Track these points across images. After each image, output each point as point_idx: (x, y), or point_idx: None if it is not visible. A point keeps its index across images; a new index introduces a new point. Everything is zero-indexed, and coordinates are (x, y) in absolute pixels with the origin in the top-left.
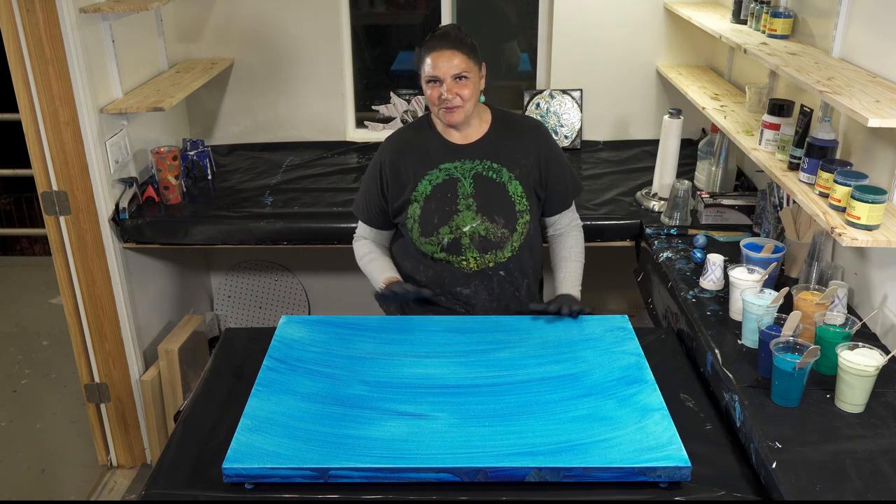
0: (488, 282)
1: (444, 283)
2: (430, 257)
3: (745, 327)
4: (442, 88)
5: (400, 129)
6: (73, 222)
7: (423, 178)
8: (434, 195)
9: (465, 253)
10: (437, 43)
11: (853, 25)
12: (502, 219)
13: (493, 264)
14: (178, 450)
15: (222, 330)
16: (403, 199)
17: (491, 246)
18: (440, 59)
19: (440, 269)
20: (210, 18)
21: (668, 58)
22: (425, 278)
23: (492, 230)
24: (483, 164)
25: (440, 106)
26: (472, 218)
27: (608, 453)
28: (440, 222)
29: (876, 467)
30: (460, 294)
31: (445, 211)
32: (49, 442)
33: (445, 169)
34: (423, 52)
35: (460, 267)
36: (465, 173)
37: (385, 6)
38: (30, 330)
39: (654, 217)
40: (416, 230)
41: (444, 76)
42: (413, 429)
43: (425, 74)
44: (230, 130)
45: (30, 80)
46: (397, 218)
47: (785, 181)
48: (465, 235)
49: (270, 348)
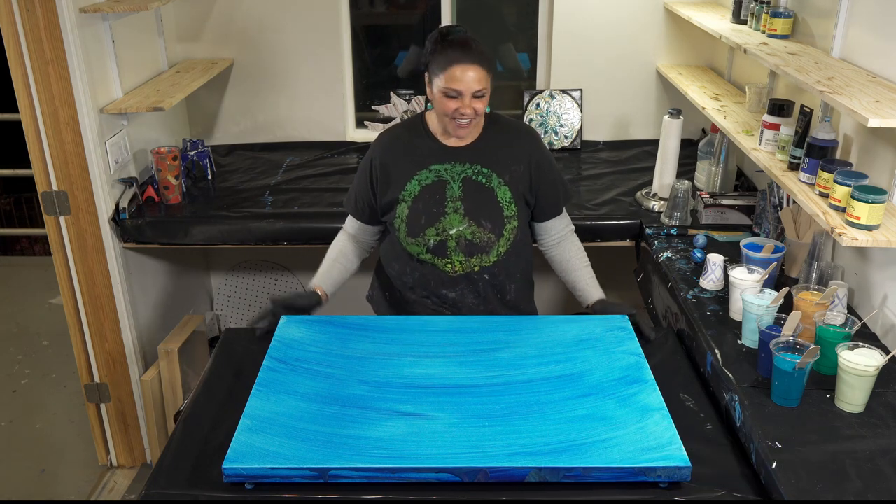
0: (474, 285)
1: (430, 285)
2: (417, 259)
3: (745, 327)
4: (460, 103)
5: (392, 127)
6: (73, 222)
7: (413, 178)
8: (422, 196)
9: (450, 255)
10: (461, 55)
11: (853, 25)
12: (489, 223)
13: (478, 268)
14: (178, 450)
15: (222, 330)
16: (391, 197)
17: (477, 250)
18: (465, 74)
19: (426, 271)
20: (210, 18)
21: (668, 58)
22: (412, 280)
23: (478, 234)
24: (473, 168)
25: (453, 118)
26: (458, 221)
27: (608, 453)
28: (427, 223)
29: (876, 467)
30: (447, 297)
31: (433, 213)
32: (49, 442)
33: (435, 170)
34: (443, 61)
35: (445, 270)
36: (455, 176)
37: (385, 6)
38: (30, 330)
39: (654, 217)
40: (402, 230)
41: (465, 91)
42: (413, 429)
43: (444, 86)
44: (230, 130)
45: (30, 80)
46: (385, 216)
47: (785, 181)
48: (451, 238)
49: (270, 348)
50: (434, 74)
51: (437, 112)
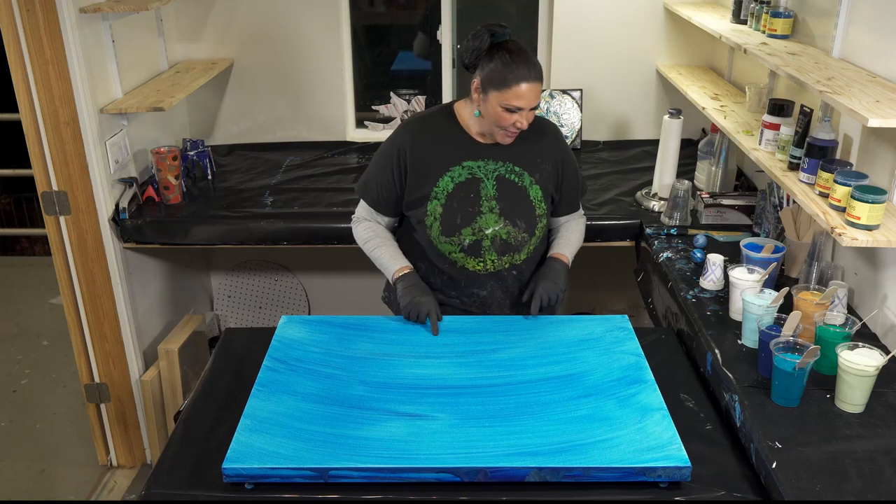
0: (503, 282)
1: (459, 285)
2: (446, 257)
3: (745, 327)
4: (519, 117)
5: (421, 117)
6: (73, 222)
7: (445, 175)
8: (456, 194)
9: (483, 255)
10: (526, 73)
11: (853, 25)
12: (523, 223)
13: (507, 265)
14: (178, 450)
15: (222, 330)
16: (422, 192)
17: (510, 249)
18: (530, 93)
19: (455, 273)
20: (210, 18)
21: (668, 58)
22: (440, 282)
23: (513, 234)
24: (506, 167)
25: (506, 130)
26: (494, 221)
27: (608, 453)
28: (463, 223)
29: (876, 467)
30: (477, 295)
31: (468, 212)
32: (49, 442)
33: (468, 167)
34: (509, 77)
35: (475, 270)
36: (489, 174)
37: (385, 6)
38: (30, 330)
39: (654, 217)
40: (436, 228)
41: (526, 107)
42: (413, 429)
43: (508, 102)
44: (230, 130)
45: (30, 80)
46: (411, 211)
47: (785, 181)
48: (486, 238)
49: (270, 348)
50: (493, 85)
51: (489, 120)
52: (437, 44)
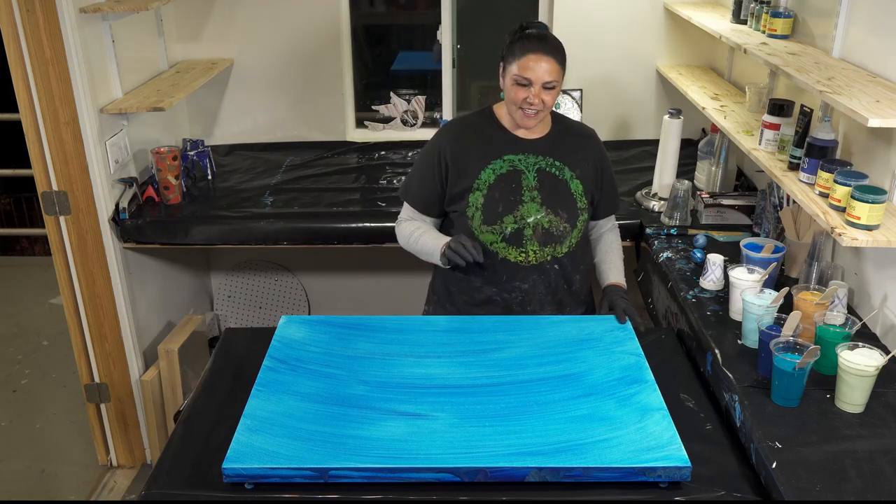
0: (546, 275)
1: (501, 280)
2: (487, 248)
3: (745, 327)
4: (529, 92)
5: (459, 118)
6: (73, 222)
7: (487, 167)
8: (498, 184)
9: (525, 245)
10: (537, 45)
11: (853, 25)
12: (565, 213)
13: (550, 258)
14: (178, 450)
15: (222, 330)
16: (464, 186)
17: (552, 239)
18: (538, 64)
19: (497, 266)
20: (210, 18)
21: (668, 58)
22: (481, 279)
23: (555, 223)
24: (546, 161)
25: (521, 107)
26: (536, 210)
27: (608, 453)
28: (504, 211)
29: (876, 467)
30: (519, 289)
31: (510, 201)
32: (49, 442)
33: (509, 160)
34: (518, 50)
35: (518, 261)
36: (529, 167)
37: (385, 6)
38: (30, 330)
39: (654, 217)
40: (477, 218)
41: (536, 81)
42: (413, 429)
43: (516, 73)
44: (230, 130)
45: (30, 80)
46: (453, 205)
47: (785, 181)
48: (528, 226)
49: (270, 348)
50: (508, 63)
51: (507, 101)
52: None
